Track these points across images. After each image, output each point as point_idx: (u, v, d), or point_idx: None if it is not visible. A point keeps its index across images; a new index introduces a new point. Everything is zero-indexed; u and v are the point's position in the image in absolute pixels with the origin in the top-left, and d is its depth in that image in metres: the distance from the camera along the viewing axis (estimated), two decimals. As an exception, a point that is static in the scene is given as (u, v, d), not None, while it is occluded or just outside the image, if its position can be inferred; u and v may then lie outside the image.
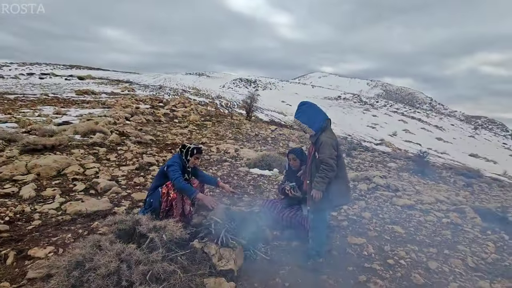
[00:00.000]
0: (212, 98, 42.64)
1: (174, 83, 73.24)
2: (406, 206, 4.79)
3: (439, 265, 2.98)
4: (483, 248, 3.50)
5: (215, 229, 2.77)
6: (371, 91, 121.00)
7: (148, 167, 5.66)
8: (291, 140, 13.12)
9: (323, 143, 2.62)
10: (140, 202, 3.87)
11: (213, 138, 11.02)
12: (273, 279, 2.49)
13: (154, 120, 14.31)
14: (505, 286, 2.68)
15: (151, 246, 2.37)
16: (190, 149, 3.34)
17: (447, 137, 44.98)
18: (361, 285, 2.53)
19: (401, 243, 3.47)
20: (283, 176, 3.71)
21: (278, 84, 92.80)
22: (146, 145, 7.91)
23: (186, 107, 22.51)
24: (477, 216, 4.47)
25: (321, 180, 2.62)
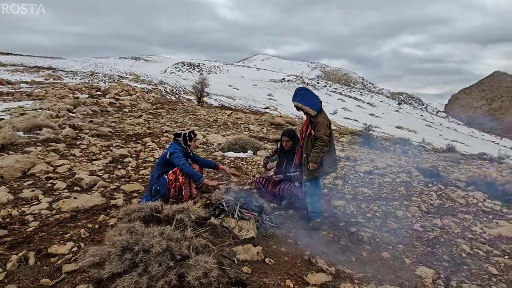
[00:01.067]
0: (154, 84, 40.12)
1: (107, 69, 66.27)
2: (366, 172, 5.65)
3: (403, 213, 3.77)
4: (429, 197, 4.46)
5: (228, 206, 3.03)
6: (312, 72, 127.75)
7: (122, 159, 5.45)
8: (251, 123, 13.52)
9: (320, 123, 3.05)
10: (134, 193, 3.85)
11: (174, 126, 10.76)
12: (286, 240, 2.90)
13: (101, 110, 13.19)
14: (450, 220, 3.56)
15: (178, 227, 2.54)
16: (187, 135, 3.46)
17: (378, 113, 50.74)
18: (354, 235, 3.11)
19: (371, 200, 4.21)
20: (273, 153, 4.07)
21: (223, 67, 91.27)
22: (107, 138, 7.44)
23: (131, 95, 21.00)
24: (420, 174, 5.56)
25: (317, 154, 3.07)
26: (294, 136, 3.78)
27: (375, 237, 3.08)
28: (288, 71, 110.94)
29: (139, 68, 69.59)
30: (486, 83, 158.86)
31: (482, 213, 3.91)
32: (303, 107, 3.11)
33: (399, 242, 3.00)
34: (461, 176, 6.01)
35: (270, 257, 2.54)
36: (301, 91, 3.21)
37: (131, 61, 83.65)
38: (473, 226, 3.44)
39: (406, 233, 3.20)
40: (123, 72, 60.45)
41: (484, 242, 3.04)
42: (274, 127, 13.00)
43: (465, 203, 4.27)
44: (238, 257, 2.45)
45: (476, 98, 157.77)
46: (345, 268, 2.44)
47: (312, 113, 3.10)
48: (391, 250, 2.83)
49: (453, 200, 4.35)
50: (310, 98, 3.14)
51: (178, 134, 3.48)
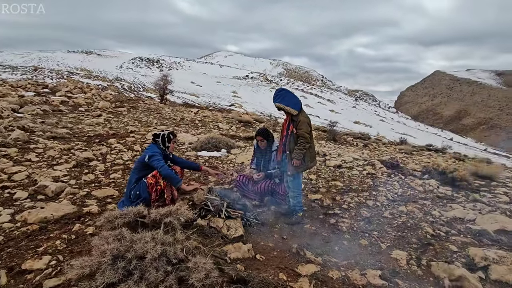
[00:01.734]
0: (110, 80, 37.54)
1: (54, 63, 60.36)
2: (336, 166, 5.99)
3: (373, 202, 4.10)
4: (392, 186, 4.90)
5: (213, 206, 3.02)
6: (274, 70, 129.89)
7: (88, 163, 5.08)
8: (219, 121, 13.41)
9: (301, 121, 3.19)
10: (107, 199, 3.64)
11: (139, 125, 10.25)
12: (272, 236, 2.99)
13: (53, 110, 12.07)
14: (414, 207, 3.97)
15: (167, 231, 2.48)
16: (165, 135, 3.35)
17: (337, 109, 53.50)
18: (334, 226, 3.32)
19: (344, 192, 4.50)
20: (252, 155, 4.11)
21: (184, 63, 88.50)
22: (65, 140, 6.85)
23: (86, 92, 19.47)
24: (383, 166, 6.05)
25: (300, 151, 3.21)
26: (268, 135, 3.88)
27: (352, 226, 3.32)
28: (251, 68, 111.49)
29: (91, 63, 64.40)
30: (429, 81, 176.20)
31: (438, 199, 4.41)
32: (285, 108, 3.22)
33: (373, 229, 3.27)
34: (416, 166, 6.67)
35: (260, 253, 2.61)
36: (281, 92, 3.31)
37: (81, 55, 77.04)
38: (432, 210, 3.87)
39: (378, 221, 3.50)
40: (72, 67, 55.46)
41: (443, 224, 3.45)
42: (243, 125, 13.05)
43: (423, 190, 4.77)
44: (229, 256, 2.48)
45: (421, 95, 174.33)
46: (330, 257, 2.61)
47: (293, 113, 3.22)
48: (368, 237, 3.08)
49: (413, 188, 4.83)
50: (291, 98, 3.25)
51: (157, 135, 3.36)
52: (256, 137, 3.90)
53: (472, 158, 12.68)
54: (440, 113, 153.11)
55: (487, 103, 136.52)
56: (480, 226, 3.26)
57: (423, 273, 2.47)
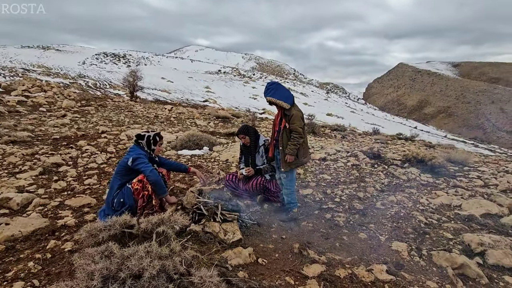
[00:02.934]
0: (72, 78, 35.01)
1: (6, 60, 55.06)
2: (321, 159, 5.99)
3: (364, 194, 4.12)
4: (378, 177, 4.98)
5: (207, 209, 2.81)
6: (247, 64, 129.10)
7: (57, 169, 4.59)
8: (196, 118, 12.97)
9: (294, 116, 3.06)
10: (83, 208, 3.27)
11: (110, 124, 9.58)
12: (270, 236, 2.86)
13: (9, 111, 10.90)
14: (402, 196, 4.04)
15: (159, 241, 2.25)
16: (151, 137, 3.06)
17: (310, 102, 54.55)
18: (330, 220, 3.26)
19: (334, 185, 4.48)
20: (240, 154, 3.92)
21: (153, 59, 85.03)
22: (27, 144, 6.18)
23: (46, 91, 17.92)
24: (366, 157, 6.16)
25: (294, 146, 3.08)
26: (248, 131, 3.72)
27: (348, 220, 3.29)
28: (223, 63, 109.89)
29: (49, 60, 59.59)
30: (393, 73, 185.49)
31: (422, 186, 4.54)
32: (277, 101, 3.06)
33: (369, 222, 3.26)
34: (394, 155, 6.87)
35: (262, 256, 2.46)
36: (272, 85, 3.15)
37: (38, 50, 71.01)
38: (420, 198, 3.97)
39: (372, 213, 3.51)
40: (28, 64, 50.93)
41: (433, 211, 3.54)
42: (221, 121, 12.75)
43: (407, 179, 4.90)
44: (230, 262, 2.31)
45: (386, 86, 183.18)
46: (334, 255, 2.53)
47: (286, 107, 3.08)
48: (366, 230, 3.05)
49: (398, 177, 4.95)
50: (283, 92, 3.11)
51: (140, 136, 3.05)
52: (238, 136, 3.74)
53: (439, 145, 13.52)
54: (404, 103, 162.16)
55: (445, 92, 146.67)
56: (467, 211, 3.38)
57: (426, 263, 2.48)
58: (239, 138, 3.75)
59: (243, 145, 3.82)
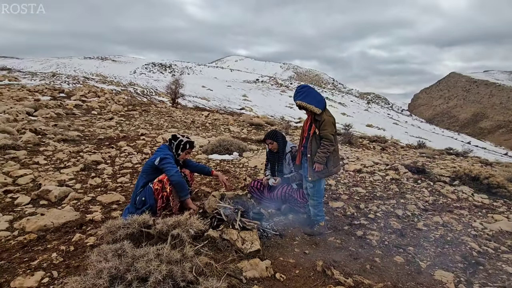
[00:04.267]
0: (124, 85, 38.18)
1: (71, 70, 62.11)
2: (356, 171, 5.58)
3: (403, 211, 3.69)
4: (421, 194, 4.45)
5: (226, 215, 2.71)
6: (284, 73, 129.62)
7: (96, 166, 4.88)
8: (230, 124, 13.17)
9: (325, 121, 2.85)
10: (112, 205, 3.38)
11: (149, 128, 10.12)
12: (292, 250, 2.64)
13: (66, 113, 12.14)
14: (450, 217, 3.53)
15: (174, 244, 2.18)
16: (182, 143, 3.07)
17: (349, 112, 52.54)
18: (362, 239, 2.94)
19: (368, 200, 4.10)
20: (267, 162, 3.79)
21: (195, 68, 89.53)
22: (75, 143, 6.73)
23: (100, 96, 19.70)
24: (407, 171, 5.60)
25: (323, 155, 2.86)
26: (276, 136, 3.55)
27: (383, 240, 2.93)
28: (262, 72, 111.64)
29: (106, 69, 65.98)
30: (444, 83, 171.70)
31: (475, 208, 3.95)
32: (307, 106, 2.88)
33: (408, 244, 2.87)
34: (442, 171, 6.16)
35: (280, 271, 2.27)
36: (303, 88, 2.98)
37: (97, 61, 79.12)
38: (473, 222, 3.43)
39: (412, 233, 3.10)
40: (88, 73, 56.85)
41: (489, 238, 3.02)
42: (254, 128, 12.76)
43: (457, 198, 4.31)
44: (245, 274, 2.15)
45: (435, 97, 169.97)
46: (362, 278, 2.24)
47: (317, 112, 2.88)
48: (403, 253, 2.68)
49: (445, 196, 4.38)
50: (314, 96, 2.92)
51: (175, 137, 3.09)
52: (265, 141, 3.59)
53: (498, 163, 11.91)
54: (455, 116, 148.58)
55: (506, 105, 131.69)
56: (534, 241, 2.81)
57: (478, 300, 2.07)
58: (266, 144, 3.62)
59: (269, 151, 3.67)
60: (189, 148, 3.09)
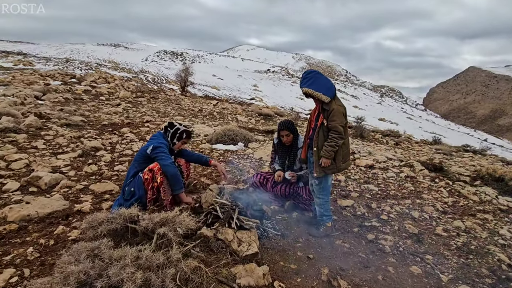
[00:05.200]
0: (135, 72, 38.25)
1: (84, 56, 62.74)
2: (368, 166, 5.22)
3: (420, 213, 3.35)
4: (439, 194, 4.09)
5: (223, 212, 2.45)
6: (296, 64, 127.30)
7: (94, 153, 4.70)
8: (238, 114, 12.87)
9: (335, 111, 2.52)
10: (105, 194, 3.18)
11: (156, 115, 9.94)
12: (294, 253, 2.38)
13: (75, 98, 12.07)
14: (472, 222, 3.18)
15: (160, 243, 1.94)
16: (179, 131, 2.81)
17: (361, 105, 51.29)
18: (373, 243, 2.64)
19: (381, 199, 3.77)
20: (273, 153, 3.46)
21: (207, 57, 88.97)
22: (78, 128, 6.59)
23: (110, 82, 19.67)
24: (423, 168, 5.20)
25: (332, 148, 2.54)
26: (294, 128, 3.22)
27: (397, 245, 2.62)
28: (273, 62, 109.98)
29: (118, 56, 66.34)
30: (462, 78, 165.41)
31: (500, 212, 3.57)
32: (314, 93, 2.54)
33: (426, 251, 2.56)
34: (461, 170, 5.73)
35: (280, 279, 2.00)
36: (310, 74, 2.63)
37: (110, 48, 79.63)
38: (499, 228, 3.07)
39: (431, 239, 2.77)
40: (101, 60, 57.26)
41: (519, 249, 2.67)
42: (262, 118, 12.42)
43: (479, 200, 3.93)
44: (239, 282, 1.90)
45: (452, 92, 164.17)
46: (373, 291, 1.95)
47: (325, 100, 2.55)
48: (421, 263, 2.37)
49: (466, 197, 4.00)
50: (323, 82, 2.58)
51: (172, 125, 2.83)
52: (280, 132, 3.19)
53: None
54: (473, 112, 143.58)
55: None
56: None
57: (511, 326, 1.76)
58: (281, 135, 3.24)
59: (279, 143, 3.32)
60: (186, 137, 2.82)
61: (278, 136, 3.28)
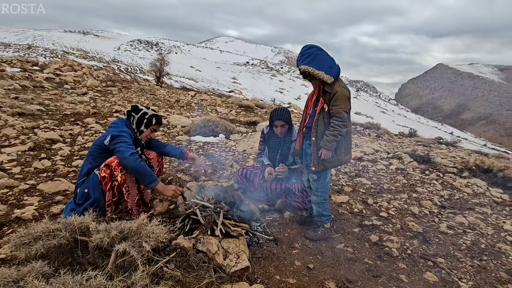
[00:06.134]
0: (106, 62, 36.02)
1: (49, 43, 58.28)
2: (357, 159, 4.97)
3: (419, 209, 3.10)
4: (433, 187, 3.89)
5: (204, 216, 1.99)
6: (276, 57, 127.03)
7: (50, 146, 4.02)
8: (217, 105, 12.27)
9: (338, 94, 2.12)
10: (56, 196, 2.60)
11: (127, 105, 9.12)
12: (291, 263, 1.98)
13: (34, 86, 10.86)
14: (474, 217, 2.97)
15: (120, 264, 1.46)
16: (147, 116, 2.27)
17: (339, 99, 52.08)
18: (378, 246, 2.31)
19: (376, 194, 3.49)
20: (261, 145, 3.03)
21: (184, 48, 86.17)
22: (33, 117, 5.75)
23: (76, 71, 18.14)
24: (412, 160, 5.04)
25: (333, 138, 2.15)
26: (290, 118, 2.81)
27: (405, 248, 2.32)
28: (252, 55, 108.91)
29: (88, 44, 62.26)
30: (431, 74, 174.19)
31: (496, 205, 3.42)
32: (315, 72, 2.12)
33: (436, 253, 2.27)
34: (444, 161, 5.66)
35: (277, 299, 1.60)
36: (310, 49, 2.20)
37: (78, 35, 74.54)
38: (502, 223, 2.88)
39: (437, 239, 2.50)
40: (68, 47, 53.42)
41: (530, 246, 2.47)
42: (243, 110, 11.93)
43: (473, 193, 3.78)
44: (227, 307, 1.47)
45: (422, 88, 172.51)
46: (390, 309, 1.61)
47: (327, 80, 2.14)
48: (434, 268, 2.08)
49: (460, 190, 3.83)
50: (324, 60, 2.17)
51: (136, 109, 2.29)
52: (275, 122, 2.76)
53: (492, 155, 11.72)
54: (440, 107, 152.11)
55: (487, 98, 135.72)
56: None
57: None
58: (274, 125, 2.80)
59: (271, 134, 2.89)
60: (155, 124, 2.31)
61: (270, 125, 2.86)
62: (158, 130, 2.37)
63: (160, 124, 2.36)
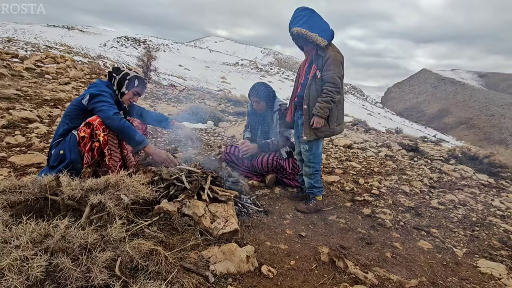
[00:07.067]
0: (92, 58, 35.03)
1: (31, 37, 56.16)
2: (347, 146, 4.94)
3: (410, 188, 3.08)
4: (422, 170, 3.90)
5: (190, 181, 1.86)
6: (265, 58, 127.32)
7: (26, 125, 3.77)
8: (206, 99, 12.07)
9: (332, 58, 2.05)
10: (30, 168, 2.40)
11: (112, 95, 8.82)
12: (282, 231, 1.88)
13: (12, 75, 10.30)
14: (464, 195, 2.98)
15: (96, 219, 1.32)
16: (129, 77, 2.12)
17: (328, 100, 52.77)
18: (371, 218, 2.25)
19: (366, 175, 3.45)
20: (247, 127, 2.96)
21: (172, 46, 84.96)
22: (10, 101, 5.42)
23: (59, 63, 17.48)
24: (401, 148, 5.07)
25: (326, 105, 2.08)
26: (266, 94, 2.71)
27: (397, 219, 2.27)
28: (242, 55, 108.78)
29: (72, 39, 60.28)
30: (415, 79, 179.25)
31: (484, 187, 3.45)
32: (308, 34, 2.04)
33: (429, 224, 2.23)
34: (432, 152, 5.74)
35: (268, 262, 1.50)
36: (303, 11, 2.12)
37: (62, 30, 72.15)
38: (491, 201, 2.89)
39: (429, 213, 2.47)
40: (52, 42, 51.60)
41: (519, 219, 2.47)
42: (232, 104, 11.80)
43: (460, 176, 3.81)
44: (213, 268, 1.35)
45: (407, 92, 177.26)
46: (386, 272, 1.53)
47: (321, 43, 2.06)
48: (428, 237, 2.03)
49: (448, 174, 3.86)
50: (317, 22, 2.09)
51: (118, 70, 2.13)
52: (250, 98, 2.73)
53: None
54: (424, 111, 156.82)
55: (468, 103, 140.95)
56: None
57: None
58: (251, 101, 2.77)
59: (252, 111, 2.86)
60: (138, 85, 2.16)
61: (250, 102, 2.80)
62: (141, 93, 2.22)
63: (143, 87, 2.21)
